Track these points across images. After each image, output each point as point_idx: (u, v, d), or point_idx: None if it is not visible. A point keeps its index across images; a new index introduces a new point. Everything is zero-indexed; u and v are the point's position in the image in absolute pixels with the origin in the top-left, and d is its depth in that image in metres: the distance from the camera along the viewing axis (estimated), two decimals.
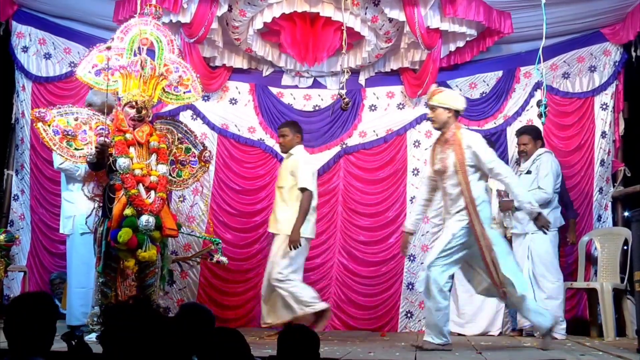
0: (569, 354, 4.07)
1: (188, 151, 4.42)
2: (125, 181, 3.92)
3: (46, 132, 4.04)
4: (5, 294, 5.66)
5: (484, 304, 5.58)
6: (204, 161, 4.45)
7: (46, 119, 4.04)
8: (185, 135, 4.44)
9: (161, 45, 4.25)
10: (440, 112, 4.33)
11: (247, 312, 6.12)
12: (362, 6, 5.43)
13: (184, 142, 4.41)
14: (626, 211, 5.71)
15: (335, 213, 6.35)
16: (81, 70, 4.17)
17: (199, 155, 4.43)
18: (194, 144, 4.45)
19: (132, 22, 4.28)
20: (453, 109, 4.34)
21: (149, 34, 4.23)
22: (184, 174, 4.39)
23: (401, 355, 3.99)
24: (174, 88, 4.38)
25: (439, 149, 4.39)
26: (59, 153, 4.12)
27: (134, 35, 4.20)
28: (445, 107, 4.32)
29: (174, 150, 4.35)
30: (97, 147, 3.93)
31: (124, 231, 3.81)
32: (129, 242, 3.81)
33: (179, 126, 4.47)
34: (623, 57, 5.82)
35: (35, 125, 4.07)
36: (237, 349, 2.19)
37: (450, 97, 4.42)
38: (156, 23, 4.31)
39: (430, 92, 4.45)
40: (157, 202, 3.97)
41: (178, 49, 4.50)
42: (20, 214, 6.08)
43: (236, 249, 6.19)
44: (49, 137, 4.03)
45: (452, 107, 4.33)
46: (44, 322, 2.16)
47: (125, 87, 4.09)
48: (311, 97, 6.55)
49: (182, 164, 4.39)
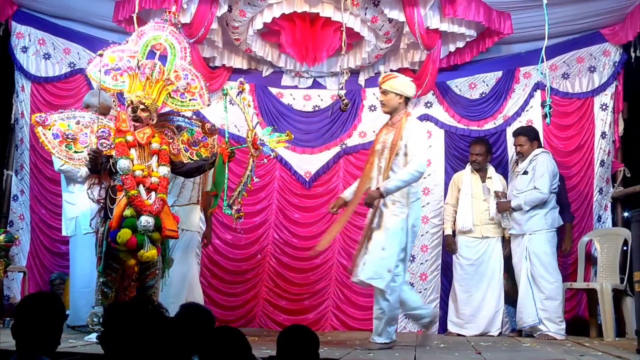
0: (569, 354, 4.08)
1: (192, 133, 4.43)
2: (125, 182, 3.93)
3: (45, 135, 4.05)
4: (5, 294, 5.66)
5: (483, 304, 5.60)
6: (210, 132, 4.43)
7: (46, 123, 4.05)
8: (179, 122, 4.44)
9: (174, 51, 4.27)
10: (391, 97, 4.46)
11: (247, 313, 6.12)
12: (362, 6, 5.43)
13: (183, 129, 4.42)
14: (626, 212, 5.71)
15: (335, 213, 6.33)
16: (91, 69, 4.19)
17: (202, 131, 4.43)
18: (191, 124, 4.46)
19: (148, 26, 4.32)
20: (404, 95, 4.47)
21: (163, 39, 4.26)
22: (202, 152, 4.40)
23: (401, 356, 3.99)
24: (180, 94, 4.39)
25: (384, 131, 4.55)
26: (57, 155, 4.13)
27: (149, 40, 4.22)
28: (397, 93, 4.45)
29: (180, 139, 4.36)
30: (89, 153, 3.96)
31: (123, 232, 3.82)
32: (128, 242, 3.82)
33: (170, 118, 4.47)
34: (623, 57, 5.82)
35: (35, 129, 4.08)
36: (238, 348, 2.19)
37: (403, 83, 4.52)
38: (172, 30, 4.33)
39: (383, 76, 4.58)
40: (157, 203, 3.98)
41: (191, 57, 4.51)
42: (20, 214, 6.08)
43: (236, 249, 6.19)
44: (48, 140, 4.04)
45: (403, 94, 4.46)
46: (52, 323, 2.17)
47: (131, 88, 4.11)
48: (311, 98, 6.55)
49: (195, 145, 4.40)
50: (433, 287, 6.07)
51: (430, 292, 6.06)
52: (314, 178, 6.40)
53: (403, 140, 4.33)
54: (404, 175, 4.26)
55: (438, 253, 6.11)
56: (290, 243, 6.30)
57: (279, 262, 6.28)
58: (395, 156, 4.33)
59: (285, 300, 6.19)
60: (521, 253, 5.34)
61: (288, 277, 6.24)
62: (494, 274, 5.63)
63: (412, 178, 4.29)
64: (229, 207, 4.14)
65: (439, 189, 6.19)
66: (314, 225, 6.33)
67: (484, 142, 5.87)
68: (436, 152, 6.27)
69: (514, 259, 5.47)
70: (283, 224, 6.35)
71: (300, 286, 6.22)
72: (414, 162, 4.28)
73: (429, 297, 6.04)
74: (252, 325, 6.02)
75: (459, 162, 6.15)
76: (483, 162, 5.78)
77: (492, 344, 4.80)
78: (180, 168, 4.31)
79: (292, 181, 6.42)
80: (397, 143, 4.34)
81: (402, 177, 4.26)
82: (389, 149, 4.38)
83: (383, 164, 4.41)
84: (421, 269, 6.11)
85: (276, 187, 6.40)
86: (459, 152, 6.22)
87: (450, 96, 6.31)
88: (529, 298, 5.22)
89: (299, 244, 6.29)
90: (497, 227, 5.68)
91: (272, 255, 6.29)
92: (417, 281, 6.08)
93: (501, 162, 6.08)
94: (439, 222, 6.11)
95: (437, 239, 6.11)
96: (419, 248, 6.13)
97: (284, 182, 6.42)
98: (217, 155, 4.17)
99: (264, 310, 6.17)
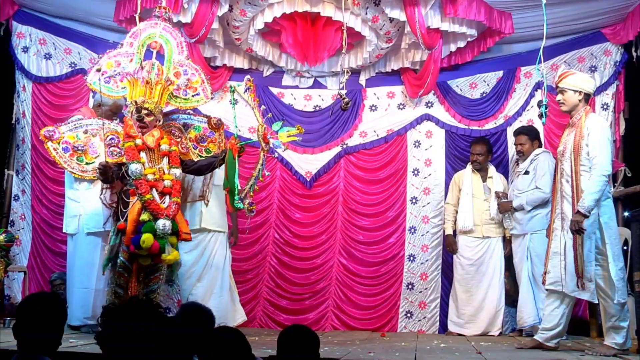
0: (569, 354, 4.08)
1: (198, 129, 4.44)
2: (139, 187, 3.93)
3: (56, 150, 4.09)
4: (5, 294, 5.66)
5: (484, 304, 5.60)
6: (216, 127, 4.43)
7: (55, 138, 4.06)
8: (185, 120, 4.46)
9: (170, 47, 4.26)
10: (570, 95, 4.32)
11: (247, 312, 6.07)
12: (363, 6, 5.43)
13: (190, 127, 4.43)
14: (626, 211, 5.70)
15: (336, 213, 6.36)
16: (91, 78, 4.19)
17: (209, 126, 4.44)
18: (196, 120, 4.47)
19: (142, 25, 4.29)
20: (584, 92, 4.32)
21: (157, 36, 4.24)
22: (211, 148, 4.41)
23: (401, 356, 3.99)
24: (182, 91, 4.38)
25: (566, 132, 4.41)
26: (70, 171, 4.16)
27: (143, 40, 4.21)
28: (575, 90, 4.31)
29: (188, 137, 4.37)
30: (99, 168, 3.97)
31: (146, 237, 3.83)
32: (152, 247, 3.84)
33: (175, 117, 4.48)
34: (624, 57, 5.81)
35: (45, 145, 4.10)
36: (238, 348, 2.19)
37: (581, 79, 4.37)
38: (165, 25, 4.32)
39: (559, 75, 4.41)
40: (173, 207, 3.99)
41: (187, 51, 4.50)
42: (21, 214, 6.08)
43: (237, 249, 6.18)
44: (59, 155, 4.09)
45: (582, 90, 4.31)
46: (53, 323, 2.18)
47: (132, 94, 4.11)
48: (312, 98, 6.55)
49: (203, 142, 4.40)
50: (433, 287, 6.08)
51: (431, 292, 6.06)
52: (315, 178, 6.40)
53: (585, 140, 4.18)
54: (592, 187, 4.07)
55: (438, 253, 6.11)
56: (291, 243, 6.30)
57: (280, 261, 6.28)
58: (579, 157, 4.18)
59: (286, 300, 6.20)
60: (522, 253, 5.34)
61: (289, 276, 6.24)
62: (494, 274, 5.63)
63: (602, 184, 4.10)
64: (241, 201, 4.13)
65: (439, 188, 6.19)
66: (315, 225, 6.34)
67: (484, 142, 5.87)
68: (437, 151, 6.28)
69: (515, 259, 5.46)
70: (284, 224, 6.35)
71: (300, 286, 6.23)
72: (597, 168, 4.10)
73: (429, 297, 6.05)
74: (252, 325, 6.02)
75: (460, 162, 6.15)
76: (484, 162, 5.78)
77: (492, 344, 4.80)
78: (191, 167, 4.31)
79: (292, 181, 6.42)
80: (579, 143, 4.20)
81: (592, 189, 4.07)
82: (571, 150, 4.23)
83: (566, 166, 4.29)
84: (422, 268, 6.11)
85: (277, 187, 6.40)
86: (459, 151, 6.22)
87: (451, 96, 6.31)
88: (529, 298, 5.22)
89: (300, 244, 6.29)
90: (497, 227, 5.67)
91: (272, 255, 6.29)
92: (417, 281, 6.08)
93: (501, 161, 6.08)
94: (439, 221, 6.11)
95: (438, 238, 6.11)
96: (419, 248, 6.13)
97: (284, 182, 6.42)
98: (227, 151, 4.16)
99: (264, 310, 6.17)
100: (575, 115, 4.34)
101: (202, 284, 5.11)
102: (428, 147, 6.31)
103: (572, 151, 4.22)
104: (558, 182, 4.39)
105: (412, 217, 6.22)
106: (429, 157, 6.28)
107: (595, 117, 4.37)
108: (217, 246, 5.22)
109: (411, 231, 6.20)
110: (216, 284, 5.16)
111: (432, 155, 6.27)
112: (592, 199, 4.05)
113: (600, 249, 4.17)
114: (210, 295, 5.08)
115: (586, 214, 4.03)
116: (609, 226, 4.19)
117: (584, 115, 4.28)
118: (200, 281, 5.12)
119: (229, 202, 4.17)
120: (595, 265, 4.14)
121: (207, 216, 5.10)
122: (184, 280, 5.13)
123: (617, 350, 4.08)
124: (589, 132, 4.18)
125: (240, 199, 4.12)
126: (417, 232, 6.19)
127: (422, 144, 6.32)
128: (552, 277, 4.25)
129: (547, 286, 4.31)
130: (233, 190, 4.08)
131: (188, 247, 5.08)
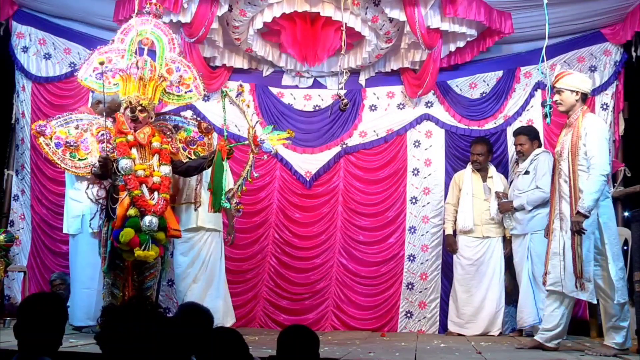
0: (569, 354, 4.08)
1: (189, 132, 4.47)
2: (128, 182, 3.94)
3: (49, 146, 4.08)
4: (5, 294, 5.66)
5: (484, 304, 5.59)
6: (206, 131, 4.48)
7: (46, 133, 4.06)
8: (176, 122, 4.49)
9: (162, 44, 4.25)
10: (567, 95, 4.33)
11: (247, 312, 6.11)
12: (363, 6, 5.42)
13: (180, 128, 4.46)
14: (626, 211, 5.70)
15: (336, 213, 6.36)
16: (82, 74, 4.18)
17: (199, 130, 4.48)
18: (187, 123, 4.52)
19: (132, 22, 4.28)
20: (580, 92, 4.32)
21: (149, 33, 4.24)
22: (200, 152, 4.44)
23: (401, 356, 3.99)
24: (175, 88, 4.39)
25: (564, 132, 4.42)
26: (63, 167, 4.15)
27: (134, 37, 4.20)
28: (572, 90, 4.31)
29: (177, 138, 4.39)
30: (100, 161, 3.97)
31: (126, 231, 3.83)
32: (131, 242, 3.83)
33: (167, 118, 4.51)
34: (623, 57, 5.81)
35: (37, 141, 4.10)
36: (236, 349, 2.19)
37: (578, 79, 4.37)
38: (156, 22, 4.31)
39: (556, 75, 4.41)
40: (161, 203, 3.99)
41: (179, 48, 4.51)
42: (21, 214, 6.08)
43: (236, 249, 6.18)
44: (52, 151, 4.08)
45: (579, 90, 4.31)
46: (54, 323, 2.18)
47: (125, 90, 4.11)
48: (311, 97, 6.55)
49: (192, 144, 4.43)
50: (433, 287, 6.07)
51: (431, 292, 6.06)
52: (315, 178, 6.40)
53: (582, 140, 4.19)
54: (591, 187, 4.06)
55: (438, 253, 6.11)
56: (291, 243, 6.30)
57: (280, 261, 6.28)
58: (576, 157, 4.18)
59: (286, 300, 6.19)
60: (522, 253, 5.34)
61: (288, 276, 6.24)
62: (494, 274, 5.63)
63: (600, 184, 4.08)
64: (228, 201, 4.14)
65: (439, 188, 6.19)
66: (315, 225, 6.34)
67: (484, 142, 5.87)
68: (437, 151, 6.28)
69: (516, 259, 5.46)
70: (283, 224, 6.35)
71: (300, 286, 6.23)
72: (595, 168, 4.09)
73: (429, 297, 6.05)
74: (252, 325, 6.02)
75: (460, 162, 6.15)
76: (484, 162, 5.78)
77: (492, 344, 4.80)
78: (180, 167, 4.32)
79: (292, 181, 6.42)
80: (576, 143, 4.20)
81: (591, 190, 4.05)
82: (569, 151, 4.23)
83: (563, 166, 4.29)
84: (421, 268, 6.11)
85: (277, 187, 6.40)
86: (459, 151, 6.22)
87: (451, 96, 6.31)
88: (529, 298, 5.22)
89: (300, 244, 6.29)
90: (497, 227, 5.67)
91: (272, 254, 6.29)
92: (417, 281, 6.08)
93: (501, 161, 6.08)
94: (439, 221, 6.11)
95: (438, 238, 6.11)
96: (419, 248, 6.13)
97: (284, 181, 6.42)
98: (216, 153, 4.17)
99: (264, 310, 6.17)
100: (573, 115, 4.34)
101: (197, 285, 5.11)
102: (428, 147, 6.31)
103: (570, 151, 4.22)
104: (556, 182, 4.39)
105: (412, 217, 6.22)
106: (428, 157, 6.28)
107: (592, 116, 4.37)
108: (213, 247, 5.22)
109: (411, 231, 6.20)
110: (212, 285, 5.16)
111: (432, 155, 6.27)
112: (592, 199, 4.05)
113: (600, 249, 4.17)
114: (206, 296, 5.07)
115: (586, 214, 4.03)
116: (608, 226, 4.19)
117: (581, 115, 4.28)
118: (196, 282, 5.11)
119: (210, 203, 4.17)
120: (595, 265, 4.14)
121: (203, 215, 5.09)
122: (180, 282, 5.15)
123: (617, 350, 4.08)
124: (587, 132, 4.18)
125: (228, 198, 4.13)
126: (417, 232, 6.19)
127: (422, 144, 6.32)
128: (553, 278, 4.25)
129: (547, 287, 4.31)
130: (217, 192, 4.10)
131: (184, 249, 5.10)
